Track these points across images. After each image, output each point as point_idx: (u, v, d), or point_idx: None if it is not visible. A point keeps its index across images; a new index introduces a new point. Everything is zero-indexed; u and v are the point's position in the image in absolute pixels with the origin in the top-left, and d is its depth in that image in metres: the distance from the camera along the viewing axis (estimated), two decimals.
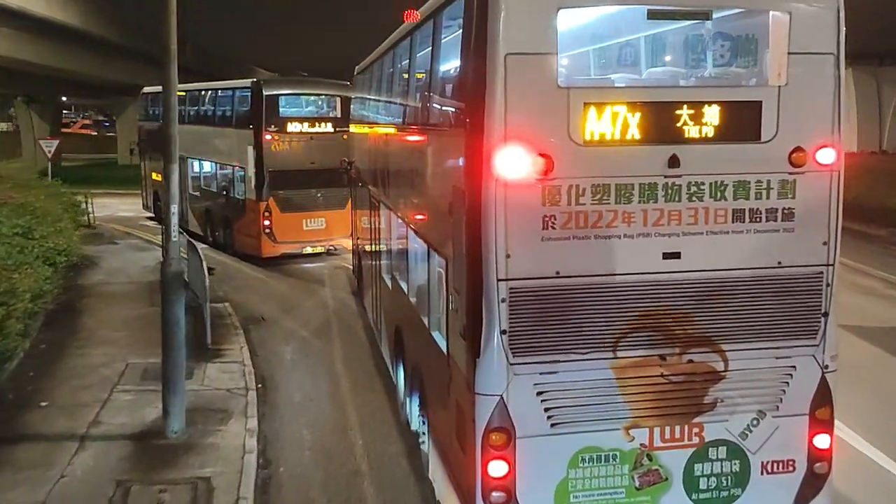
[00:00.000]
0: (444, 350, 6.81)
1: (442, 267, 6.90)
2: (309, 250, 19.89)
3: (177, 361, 9.18)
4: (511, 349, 5.70)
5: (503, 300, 5.63)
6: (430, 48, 7.42)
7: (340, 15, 33.59)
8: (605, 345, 5.75)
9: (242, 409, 9.97)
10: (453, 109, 6.44)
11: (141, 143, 28.98)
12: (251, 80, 20.20)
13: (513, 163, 5.39)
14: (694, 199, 5.64)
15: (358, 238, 15.83)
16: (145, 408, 9.83)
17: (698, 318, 5.82)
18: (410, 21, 8.35)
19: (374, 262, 12.61)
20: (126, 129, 54.29)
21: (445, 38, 6.92)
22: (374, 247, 12.57)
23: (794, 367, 6.01)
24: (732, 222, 5.70)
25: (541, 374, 5.70)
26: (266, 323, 14.62)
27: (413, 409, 8.46)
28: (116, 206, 30.46)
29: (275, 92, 19.61)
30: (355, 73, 15.59)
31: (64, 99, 61.09)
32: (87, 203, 24.55)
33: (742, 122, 5.68)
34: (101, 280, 17.50)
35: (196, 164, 22.90)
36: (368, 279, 13.86)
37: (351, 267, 17.23)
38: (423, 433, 7.89)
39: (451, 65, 6.70)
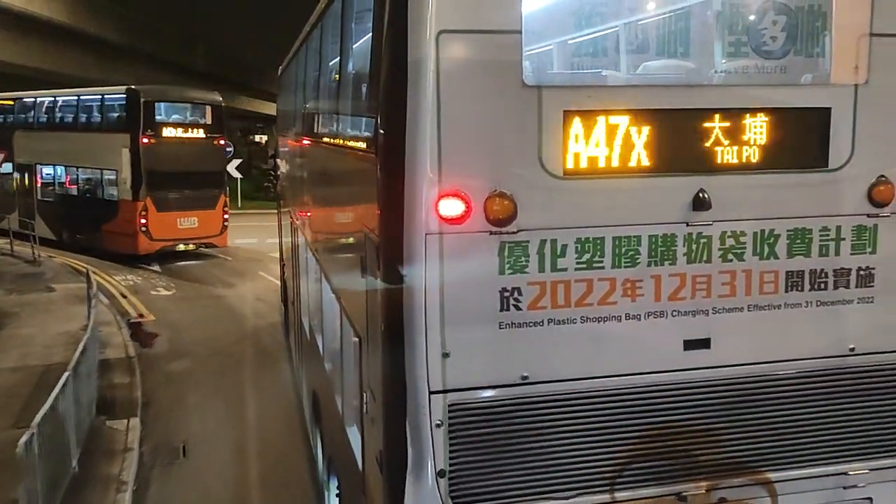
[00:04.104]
0: (360, 466, 4.79)
1: (356, 342, 4.84)
2: (182, 247, 21.44)
3: None
4: (453, 499, 3.82)
5: (438, 424, 3.77)
6: (340, 35, 5.61)
7: None
8: (598, 482, 4.01)
9: None
10: (363, 120, 4.44)
11: None
12: (125, 87, 21.44)
13: (451, 206, 3.65)
14: (730, 257, 4.05)
15: (283, 261, 14.26)
16: None
17: (735, 436, 4.17)
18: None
19: (295, 296, 11.13)
20: None
21: (357, 17, 5.02)
22: (294, 278, 11.13)
23: (869, 499, 4.40)
24: (786, 291, 4.15)
25: None
26: (186, 462, 9.02)
27: (332, 501, 6.89)
28: None
29: (152, 99, 21.04)
30: (279, 72, 13.83)
31: None
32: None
33: (801, 140, 4.15)
34: None
35: (48, 169, 24.02)
36: (292, 314, 12.15)
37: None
38: None
39: (362, 55, 4.66)
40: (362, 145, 4.43)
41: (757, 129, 3.95)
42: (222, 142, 22.22)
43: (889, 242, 4.16)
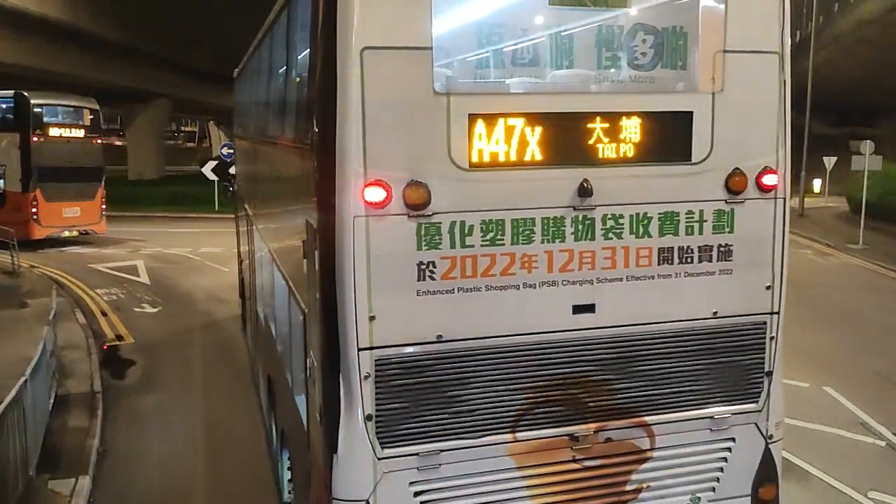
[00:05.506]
0: (305, 426, 5.45)
1: (301, 319, 5.52)
2: (66, 234, 24.40)
3: None
4: (379, 439, 4.50)
5: (366, 376, 4.44)
6: (285, 45, 6.27)
7: None
8: (502, 425, 4.71)
9: None
10: (303, 122, 5.11)
11: None
12: (14, 91, 24.05)
13: (375, 193, 4.30)
14: (611, 236, 4.74)
15: (240, 258, 14.64)
16: None
17: (617, 386, 4.88)
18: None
19: (251, 290, 11.64)
20: (136, 139, 49.87)
21: (299, 31, 5.67)
22: (249, 271, 11.67)
23: (732, 438, 5.17)
24: (658, 264, 4.85)
25: (420, 468, 4.58)
26: None
27: (284, 475, 7.38)
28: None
29: (40, 101, 24.14)
30: (235, 75, 14.30)
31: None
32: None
33: (669, 138, 4.85)
34: None
35: None
36: (249, 308, 12.58)
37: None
38: None
39: (301, 65, 5.36)
40: (301, 144, 5.10)
41: (631, 129, 4.64)
42: (99, 141, 25.79)
43: (744, 224, 4.89)
